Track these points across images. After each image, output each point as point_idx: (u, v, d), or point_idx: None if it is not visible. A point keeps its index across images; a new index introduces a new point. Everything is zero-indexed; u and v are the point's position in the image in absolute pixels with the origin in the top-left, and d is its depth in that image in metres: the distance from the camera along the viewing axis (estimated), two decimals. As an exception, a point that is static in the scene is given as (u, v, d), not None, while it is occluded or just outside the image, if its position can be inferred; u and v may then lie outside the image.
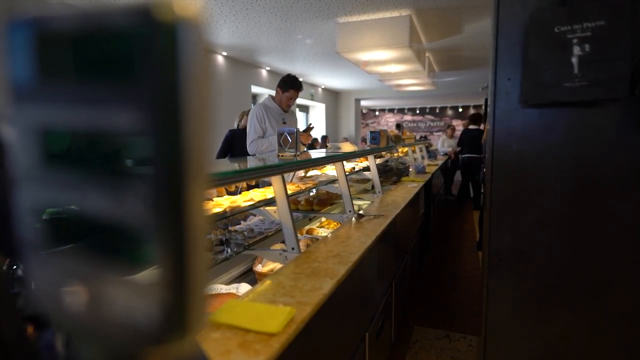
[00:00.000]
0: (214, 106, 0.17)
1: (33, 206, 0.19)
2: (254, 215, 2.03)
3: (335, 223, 2.30)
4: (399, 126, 9.84)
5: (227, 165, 1.56)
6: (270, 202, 1.90)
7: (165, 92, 0.15)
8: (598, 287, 1.38)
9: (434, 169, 4.60)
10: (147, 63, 0.15)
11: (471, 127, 6.56)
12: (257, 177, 1.51)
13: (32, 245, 0.19)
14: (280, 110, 3.11)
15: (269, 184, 2.10)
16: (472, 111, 14.49)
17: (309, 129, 3.01)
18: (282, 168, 1.57)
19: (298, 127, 2.28)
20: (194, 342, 0.18)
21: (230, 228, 1.80)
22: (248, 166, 1.54)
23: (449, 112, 14.19)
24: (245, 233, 1.72)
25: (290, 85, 3.04)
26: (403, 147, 4.57)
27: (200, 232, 0.17)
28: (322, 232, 2.12)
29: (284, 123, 3.08)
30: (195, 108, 0.16)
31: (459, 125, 10.20)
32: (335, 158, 2.19)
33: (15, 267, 0.45)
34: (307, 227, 2.23)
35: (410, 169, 4.21)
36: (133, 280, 0.17)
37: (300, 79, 3.18)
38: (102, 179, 0.17)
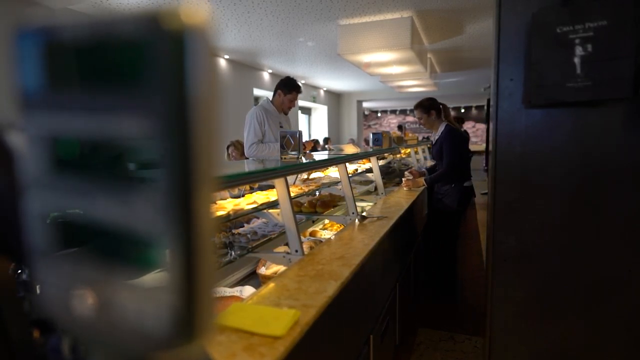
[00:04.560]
0: (220, 111, 0.17)
1: (42, 212, 0.19)
2: (258, 217, 2.03)
3: (339, 225, 2.30)
4: (400, 127, 9.82)
5: (232, 168, 1.56)
6: (274, 204, 1.90)
7: (173, 98, 0.16)
8: (602, 288, 1.37)
9: (436, 170, 4.58)
10: (155, 70, 0.16)
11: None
12: (261, 179, 1.51)
13: (40, 249, 0.19)
14: (277, 113, 3.09)
15: (271, 187, 2.10)
16: (474, 112, 14.47)
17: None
18: (286, 170, 1.58)
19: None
20: (202, 346, 0.18)
21: (233, 231, 1.80)
22: (252, 169, 1.54)
23: (452, 112, 14.17)
24: (249, 236, 1.72)
25: (292, 87, 3.02)
26: (405, 148, 4.56)
27: (208, 236, 0.17)
28: (326, 234, 2.12)
29: (281, 127, 3.06)
30: (202, 113, 0.16)
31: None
32: (338, 160, 2.19)
33: (20, 271, 0.45)
34: (310, 229, 2.23)
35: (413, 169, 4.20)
36: (141, 284, 0.18)
37: (302, 81, 3.17)
38: (111, 185, 0.17)
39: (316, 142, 8.24)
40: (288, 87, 3.02)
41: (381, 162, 4.05)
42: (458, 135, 2.95)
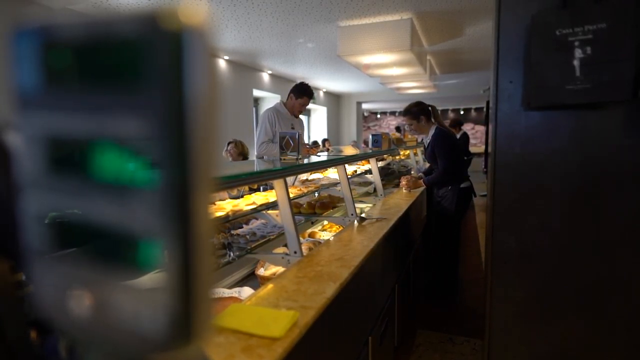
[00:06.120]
0: (220, 112, 0.17)
1: (39, 213, 0.19)
2: (257, 218, 2.03)
3: (338, 226, 2.30)
4: (399, 129, 9.82)
5: (231, 168, 1.56)
6: (273, 205, 1.90)
7: (172, 99, 0.15)
8: (602, 289, 1.37)
9: (436, 171, 4.58)
10: (154, 70, 0.15)
11: (458, 135, 6.67)
12: (260, 181, 1.51)
13: (37, 250, 0.19)
14: (289, 115, 3.27)
15: (271, 187, 2.10)
16: (473, 114, 14.49)
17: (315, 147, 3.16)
18: (285, 172, 1.58)
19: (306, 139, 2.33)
20: (200, 347, 0.18)
21: (232, 232, 1.80)
22: (251, 170, 1.54)
23: (451, 114, 14.19)
24: (248, 237, 1.71)
25: (303, 92, 3.21)
26: (405, 149, 4.56)
27: (206, 237, 0.17)
28: (325, 236, 2.12)
29: (292, 128, 3.23)
30: (201, 114, 0.16)
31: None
32: (337, 161, 2.19)
33: (18, 271, 0.45)
34: (309, 231, 2.23)
35: (412, 172, 4.20)
36: (139, 285, 0.17)
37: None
38: (109, 185, 0.17)
39: (315, 143, 8.25)
40: (300, 92, 3.22)
41: (380, 164, 4.05)
42: (449, 136, 2.94)
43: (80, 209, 0.18)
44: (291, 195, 1.68)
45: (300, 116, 3.44)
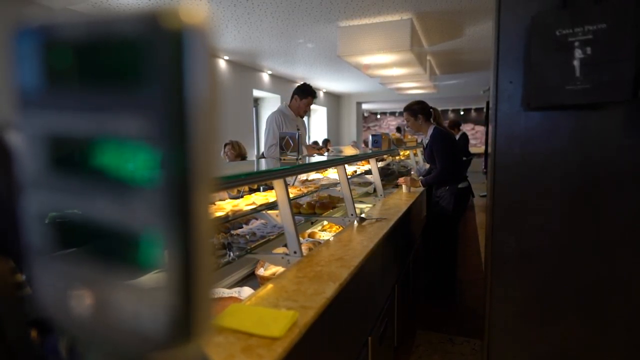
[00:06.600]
0: (220, 112, 0.17)
1: (40, 212, 0.19)
2: (256, 219, 2.03)
3: (337, 226, 2.30)
4: (399, 129, 9.83)
5: (231, 169, 1.56)
6: (273, 205, 1.90)
7: (173, 98, 0.15)
8: (602, 288, 1.37)
9: (436, 171, 4.57)
10: (154, 70, 0.15)
11: (457, 135, 6.69)
12: (260, 181, 1.51)
13: (38, 249, 0.19)
14: (294, 117, 3.35)
15: (271, 188, 2.10)
16: (473, 114, 14.50)
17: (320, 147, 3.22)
18: (285, 172, 1.58)
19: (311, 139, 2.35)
20: (199, 347, 0.18)
21: (232, 232, 1.80)
22: (250, 170, 1.54)
23: (451, 115, 14.19)
24: (248, 237, 1.71)
25: (307, 92, 3.29)
26: (405, 150, 4.56)
27: (206, 236, 0.17)
28: (324, 236, 2.12)
29: (298, 129, 3.30)
30: (202, 114, 0.16)
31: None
32: (337, 161, 2.19)
33: (19, 271, 0.45)
34: (309, 231, 2.23)
35: (412, 172, 4.20)
36: (139, 284, 0.18)
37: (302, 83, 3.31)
38: (109, 185, 0.17)
39: (315, 143, 8.26)
40: (304, 92, 3.30)
41: (380, 164, 4.05)
42: (447, 137, 2.96)
43: (80, 208, 0.18)
44: (291, 196, 1.68)
45: None
